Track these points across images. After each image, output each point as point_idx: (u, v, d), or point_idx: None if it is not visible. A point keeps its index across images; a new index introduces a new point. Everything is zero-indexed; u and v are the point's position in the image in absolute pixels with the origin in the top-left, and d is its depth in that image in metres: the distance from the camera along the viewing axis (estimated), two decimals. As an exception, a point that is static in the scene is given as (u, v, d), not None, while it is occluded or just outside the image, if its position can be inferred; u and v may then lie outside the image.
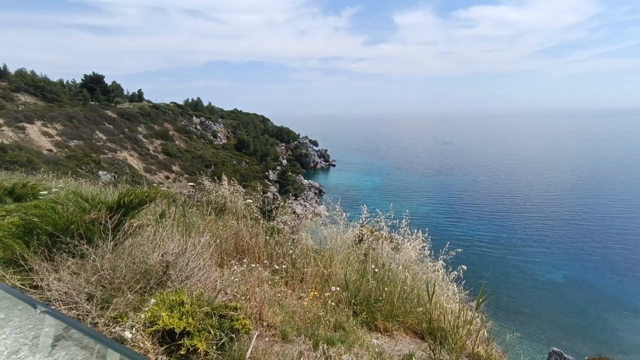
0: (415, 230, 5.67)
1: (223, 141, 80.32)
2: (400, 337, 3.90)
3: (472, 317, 3.57)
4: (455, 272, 4.59)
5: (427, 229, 5.38)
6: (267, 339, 3.03)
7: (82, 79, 69.81)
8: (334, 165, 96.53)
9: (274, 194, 59.04)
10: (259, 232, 5.68)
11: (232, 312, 2.50)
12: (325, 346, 2.82)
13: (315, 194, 67.30)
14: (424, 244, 5.31)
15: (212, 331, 2.29)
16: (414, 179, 75.84)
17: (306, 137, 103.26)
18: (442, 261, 4.79)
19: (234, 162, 69.51)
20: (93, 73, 69.97)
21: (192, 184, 7.89)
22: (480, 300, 3.25)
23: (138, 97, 78.35)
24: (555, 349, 17.91)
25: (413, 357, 3.12)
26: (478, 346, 3.68)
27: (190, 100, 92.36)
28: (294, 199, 60.44)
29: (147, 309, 2.29)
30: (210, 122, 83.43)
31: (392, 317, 4.05)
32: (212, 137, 78.56)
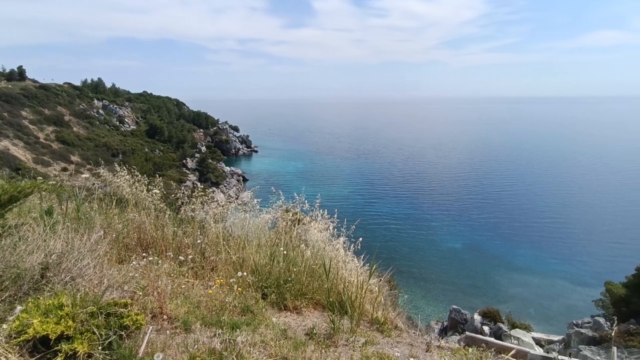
0: (325, 211, 5.92)
1: (132, 127, 73.21)
2: (309, 313, 4.09)
3: (367, 286, 3.90)
4: (354, 246, 4.94)
5: (336, 210, 5.66)
6: (168, 331, 2.95)
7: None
8: (256, 151, 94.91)
9: (193, 183, 56.13)
10: (165, 224, 5.39)
11: (122, 309, 2.37)
12: (220, 331, 2.84)
13: (238, 180, 65.67)
14: (333, 224, 5.58)
15: (97, 332, 2.15)
16: (335, 163, 78.47)
17: (226, 122, 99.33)
18: (346, 238, 5.10)
19: (146, 150, 63.99)
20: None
21: (86, 175, 7.10)
22: (373, 269, 3.56)
23: (19, 75, 66.64)
24: (454, 306, 20.49)
25: (315, 329, 3.31)
26: (376, 311, 4.04)
27: (89, 82, 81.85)
28: (215, 187, 58.17)
29: (12, 318, 2.05)
30: (116, 106, 75.23)
31: (301, 295, 4.22)
32: (118, 123, 71.05)
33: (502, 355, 3.21)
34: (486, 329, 17.78)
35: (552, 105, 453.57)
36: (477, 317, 18.82)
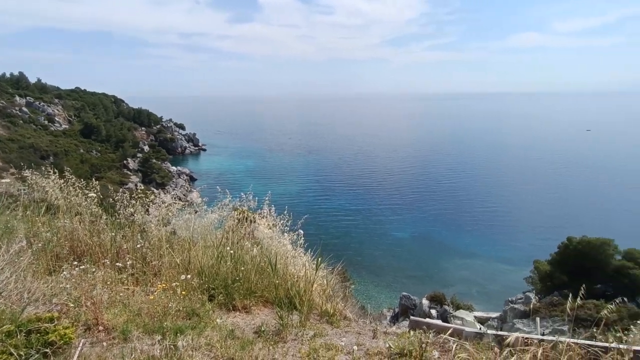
0: (273, 209, 5.89)
1: (63, 126, 67.04)
2: (259, 312, 4.06)
3: (316, 280, 3.96)
4: (304, 242, 4.99)
5: (285, 207, 5.65)
6: (105, 343, 2.77)
7: None
8: (204, 150, 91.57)
9: (136, 184, 52.80)
10: (101, 229, 5.04)
11: (46, 325, 2.18)
12: (159, 337, 2.74)
13: (185, 181, 62.96)
14: (282, 221, 5.58)
15: (15, 352, 1.96)
16: (285, 160, 78.16)
17: (170, 120, 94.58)
18: (295, 234, 5.13)
19: (82, 150, 59.01)
20: None
21: (7, 180, 6.40)
22: (319, 263, 3.62)
23: None
24: (404, 293, 21.40)
25: (263, 326, 3.31)
26: (326, 304, 4.12)
27: (8, 76, 73.52)
28: (161, 188, 55.23)
29: None
30: (43, 104, 68.40)
31: (250, 294, 4.17)
32: (46, 122, 64.65)
33: (441, 335, 3.42)
34: (433, 312, 18.89)
35: (486, 101, 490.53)
36: (425, 302, 19.92)
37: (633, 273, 16.05)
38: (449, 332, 3.41)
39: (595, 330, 4.27)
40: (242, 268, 4.25)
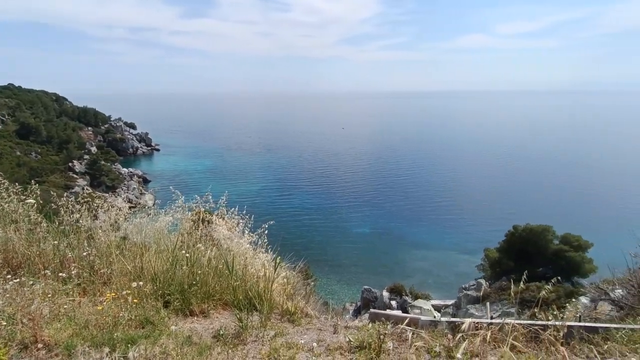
0: (235, 208, 5.76)
1: (-6, 127, 60.97)
2: (218, 315, 3.96)
3: (276, 279, 3.94)
4: (264, 241, 4.94)
5: (245, 206, 5.55)
6: (46, 361, 2.57)
7: None
8: (158, 150, 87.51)
9: (83, 188, 49.24)
10: (42, 238, 4.66)
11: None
12: (107, 350, 2.59)
13: (138, 183, 59.85)
14: (242, 220, 5.48)
15: None
16: (245, 159, 76.81)
17: (120, 119, 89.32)
18: (255, 233, 5.06)
19: (18, 153, 54.04)
20: None
21: None
22: (278, 262, 3.60)
23: None
24: (365, 286, 21.91)
25: (222, 330, 3.24)
26: (287, 303, 4.10)
27: None
28: (112, 191, 52.04)
29: None
30: (-32, 102, 61.76)
31: (208, 297, 4.06)
32: (-27, 122, 58.48)
33: (399, 325, 3.53)
34: (394, 303, 19.52)
35: (438, 99, 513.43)
36: (385, 294, 20.53)
37: (569, 255, 17.60)
38: (406, 322, 3.54)
39: (536, 310, 4.63)
40: (199, 271, 4.12)
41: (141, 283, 3.64)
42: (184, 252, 4.25)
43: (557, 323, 3.33)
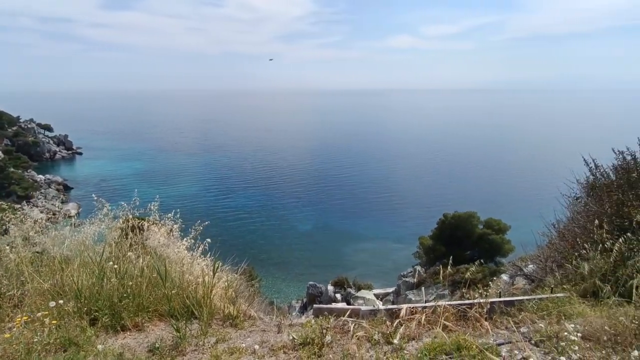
0: (171, 213, 5.46)
1: None
2: (153, 327, 3.73)
3: (216, 283, 3.82)
4: (203, 245, 4.76)
5: (178, 210, 5.28)
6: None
7: None
8: (80, 154, 79.54)
9: (-15, 200, 43.02)
10: None
11: None
12: None
13: (58, 190, 53.88)
14: (177, 225, 5.21)
15: None
16: (180, 160, 72.96)
17: (31, 120, 79.41)
18: (192, 238, 4.85)
19: None
20: None
21: None
22: (217, 266, 3.50)
23: None
24: (310, 282, 22.13)
25: (157, 342, 3.06)
26: (228, 307, 4.00)
27: None
28: (26, 201, 46.14)
29: None
30: None
31: (142, 310, 3.80)
32: None
33: (342, 317, 3.63)
34: (338, 296, 20.02)
35: (373, 97, 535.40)
36: (330, 288, 20.97)
37: (492, 238, 19.54)
38: (348, 313, 3.66)
39: (464, 290, 5.06)
40: (130, 283, 3.84)
41: (62, 301, 3.29)
42: (111, 263, 3.93)
43: (481, 301, 3.68)
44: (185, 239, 4.80)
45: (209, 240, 4.71)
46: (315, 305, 4.68)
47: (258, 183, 56.30)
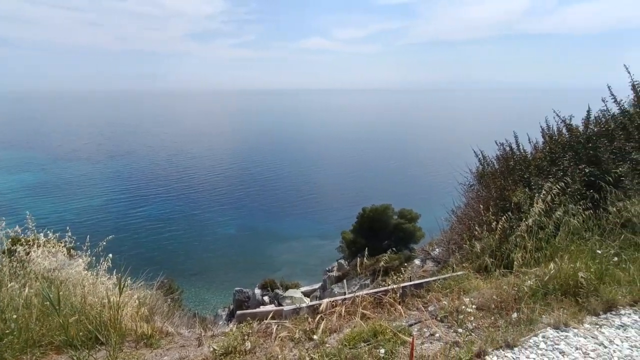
0: (64, 232, 4.82)
1: None
2: (49, 363, 3.27)
3: (123, 303, 3.51)
4: (106, 263, 4.31)
5: (68, 227, 4.68)
6: None
7: None
8: (-59, 167, 65.49)
9: None
10: None
11: None
12: None
13: None
14: (70, 244, 4.63)
15: None
16: (82, 169, 64.73)
17: None
18: (93, 256, 4.36)
19: None
20: None
21: None
22: (123, 283, 3.21)
23: None
24: (237, 288, 21.48)
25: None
26: (142, 326, 3.69)
27: None
28: None
29: None
30: None
31: (32, 345, 3.30)
32: None
33: (265, 320, 3.60)
34: (266, 298, 19.79)
35: (289, 96, 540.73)
36: (257, 291, 20.62)
37: (405, 227, 21.19)
38: (270, 316, 3.64)
39: (380, 278, 5.41)
40: (14, 316, 3.30)
41: None
42: (-13, 295, 3.33)
43: (394, 286, 3.98)
44: (82, 256, 4.30)
45: (110, 255, 4.28)
46: (238, 312, 4.57)
47: (175, 190, 52.65)
